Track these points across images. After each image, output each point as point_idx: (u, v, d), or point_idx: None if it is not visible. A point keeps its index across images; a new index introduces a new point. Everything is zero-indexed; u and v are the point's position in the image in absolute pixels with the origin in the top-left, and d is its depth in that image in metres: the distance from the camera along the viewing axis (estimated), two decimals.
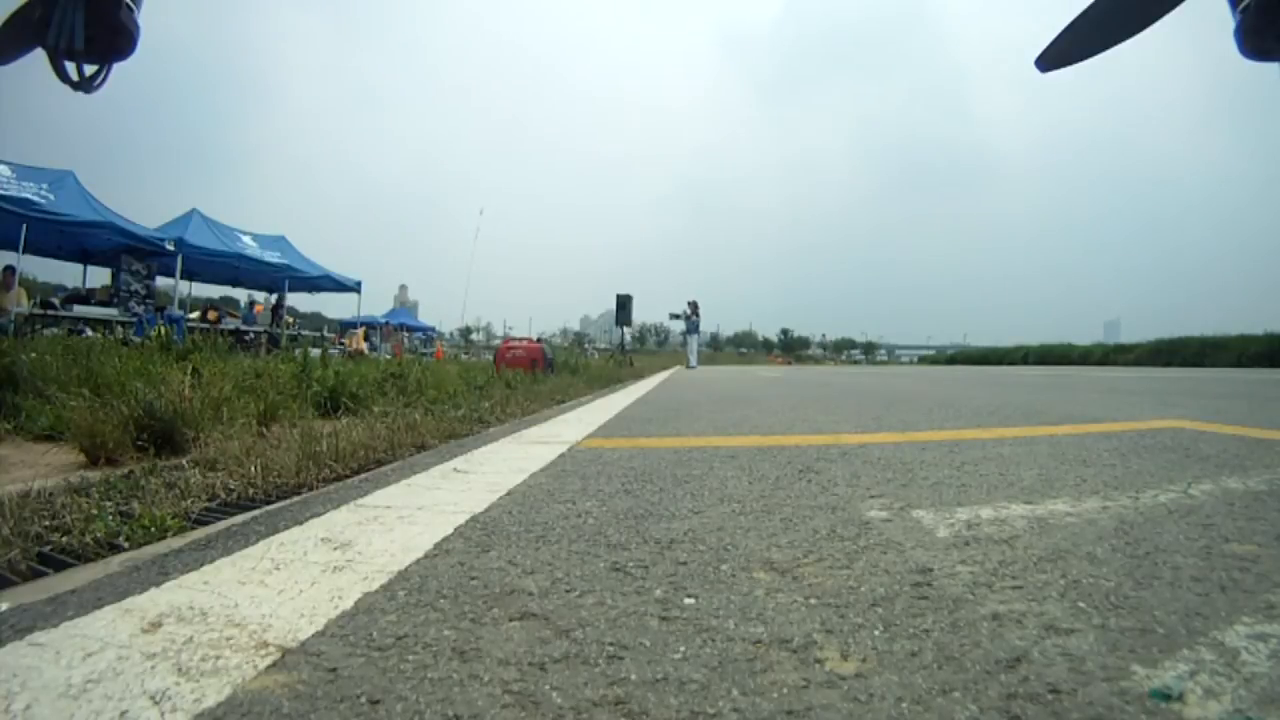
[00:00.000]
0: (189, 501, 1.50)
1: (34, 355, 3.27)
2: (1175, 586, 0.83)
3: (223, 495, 1.62)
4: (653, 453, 2.05)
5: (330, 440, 2.28)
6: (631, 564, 1.00)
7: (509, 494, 1.50)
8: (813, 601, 0.82)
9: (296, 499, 1.61)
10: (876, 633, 0.72)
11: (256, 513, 1.44)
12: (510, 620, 0.80)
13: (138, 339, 6.93)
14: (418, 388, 4.70)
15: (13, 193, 9.85)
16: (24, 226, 9.94)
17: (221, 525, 1.33)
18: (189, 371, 3.33)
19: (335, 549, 1.12)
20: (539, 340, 9.73)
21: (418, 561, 1.04)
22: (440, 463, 1.98)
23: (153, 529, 1.28)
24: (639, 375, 11.78)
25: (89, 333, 9.62)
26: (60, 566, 1.10)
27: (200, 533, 1.28)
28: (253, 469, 1.83)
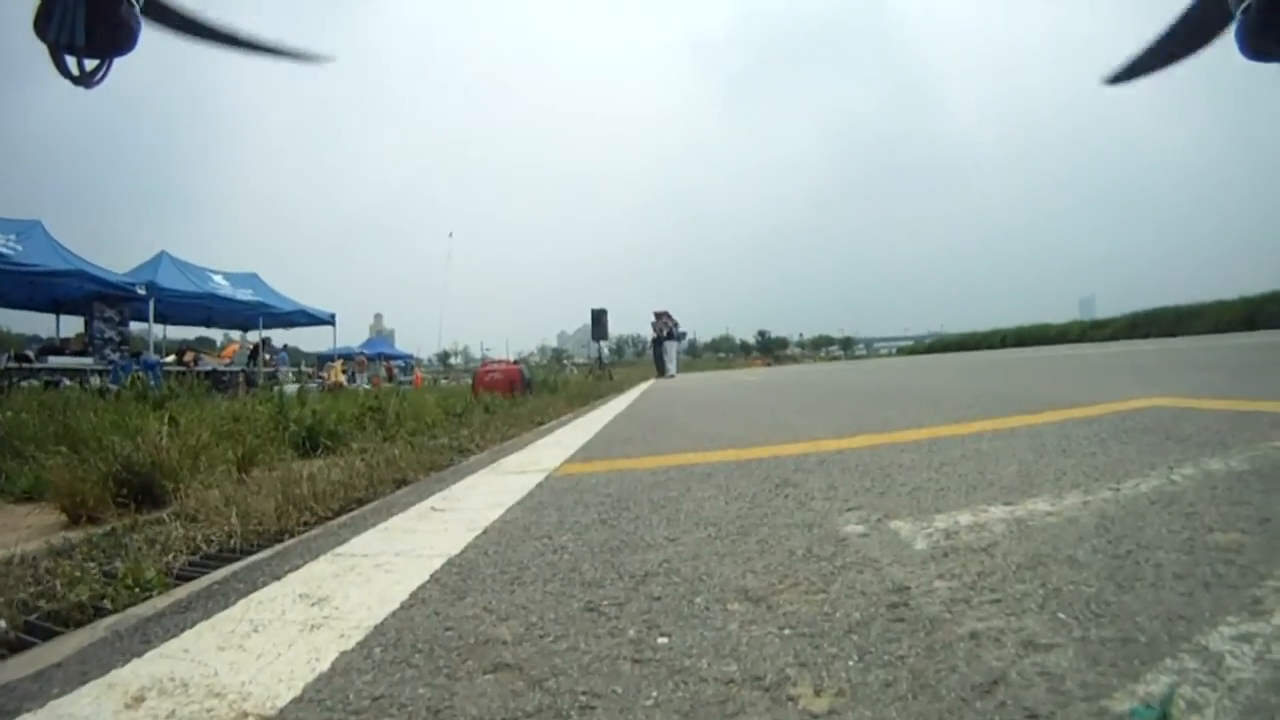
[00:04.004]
0: (170, 557, 1.47)
1: (9, 414, 3.18)
2: (1158, 587, 0.81)
3: (204, 548, 1.59)
4: (630, 476, 2.02)
5: (310, 483, 2.24)
6: (606, 602, 0.97)
7: (485, 532, 1.47)
8: (787, 632, 0.79)
9: (279, 547, 1.58)
10: (851, 663, 0.70)
11: (236, 567, 1.41)
12: (484, 673, 0.78)
13: (114, 387, 6.81)
14: (396, 420, 4.64)
15: None
16: None
17: (204, 583, 1.30)
18: (165, 420, 3.26)
19: (313, 605, 1.10)
20: (516, 362, 9.69)
21: (394, 614, 1.02)
22: (419, 501, 1.95)
23: (136, 589, 1.26)
24: (619, 389, 11.77)
25: (66, 382, 9.44)
26: (47, 635, 1.09)
27: (183, 591, 1.26)
28: (233, 518, 1.80)
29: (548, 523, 1.50)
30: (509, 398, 7.65)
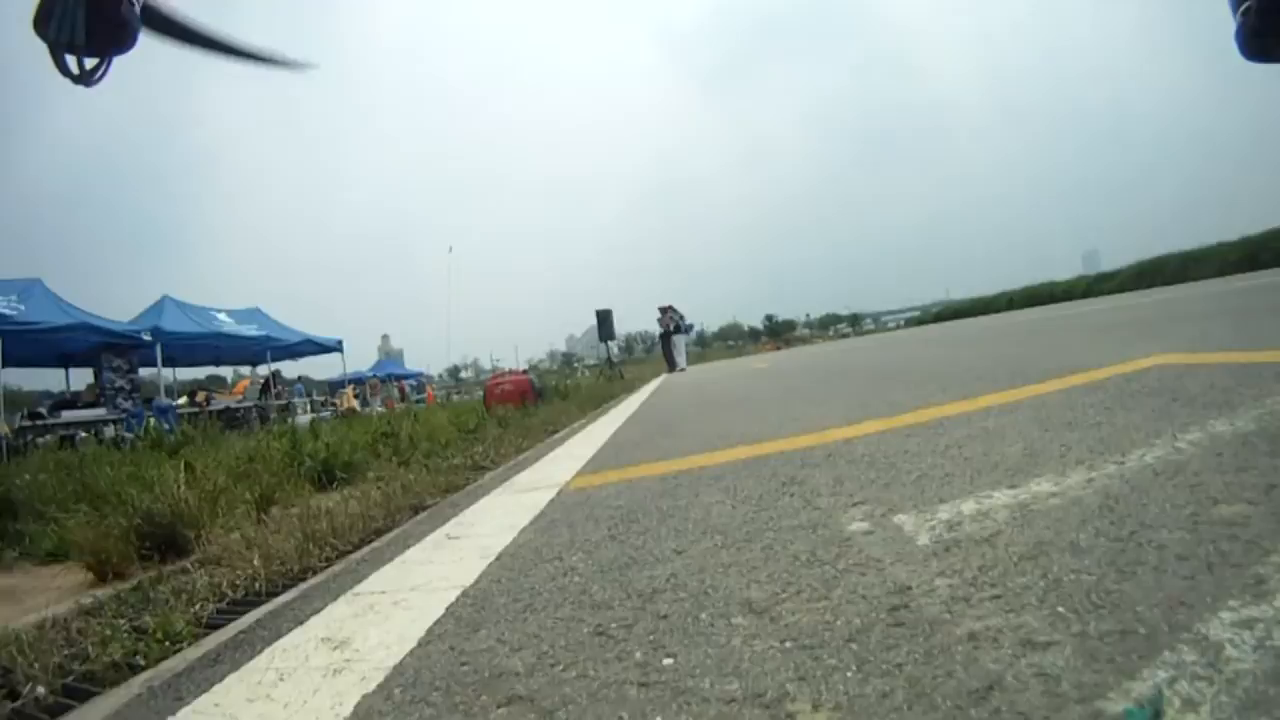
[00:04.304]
0: (198, 607, 1.52)
1: (27, 477, 3.25)
2: (1160, 572, 0.80)
3: (230, 594, 1.64)
4: (640, 485, 2.02)
5: (328, 519, 2.28)
6: (614, 625, 0.98)
7: (499, 559, 1.48)
8: (788, 645, 0.79)
9: (302, 587, 1.62)
10: (849, 674, 0.70)
11: (260, 613, 1.45)
12: (498, 707, 0.81)
13: (129, 435, 6.90)
14: (410, 443, 4.66)
15: None
16: None
17: (230, 631, 1.34)
18: (181, 468, 3.31)
19: (334, 649, 1.14)
20: (525, 372, 9.75)
21: (411, 652, 1.05)
22: (434, 529, 1.97)
23: (167, 642, 1.31)
24: (630, 388, 11.77)
25: (82, 435, 9.54)
26: (84, 696, 1.14)
27: (212, 641, 1.30)
28: (255, 561, 1.83)
29: (559, 543, 1.51)
30: (521, 408, 7.66)
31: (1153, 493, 1.09)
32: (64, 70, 1.17)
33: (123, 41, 1.21)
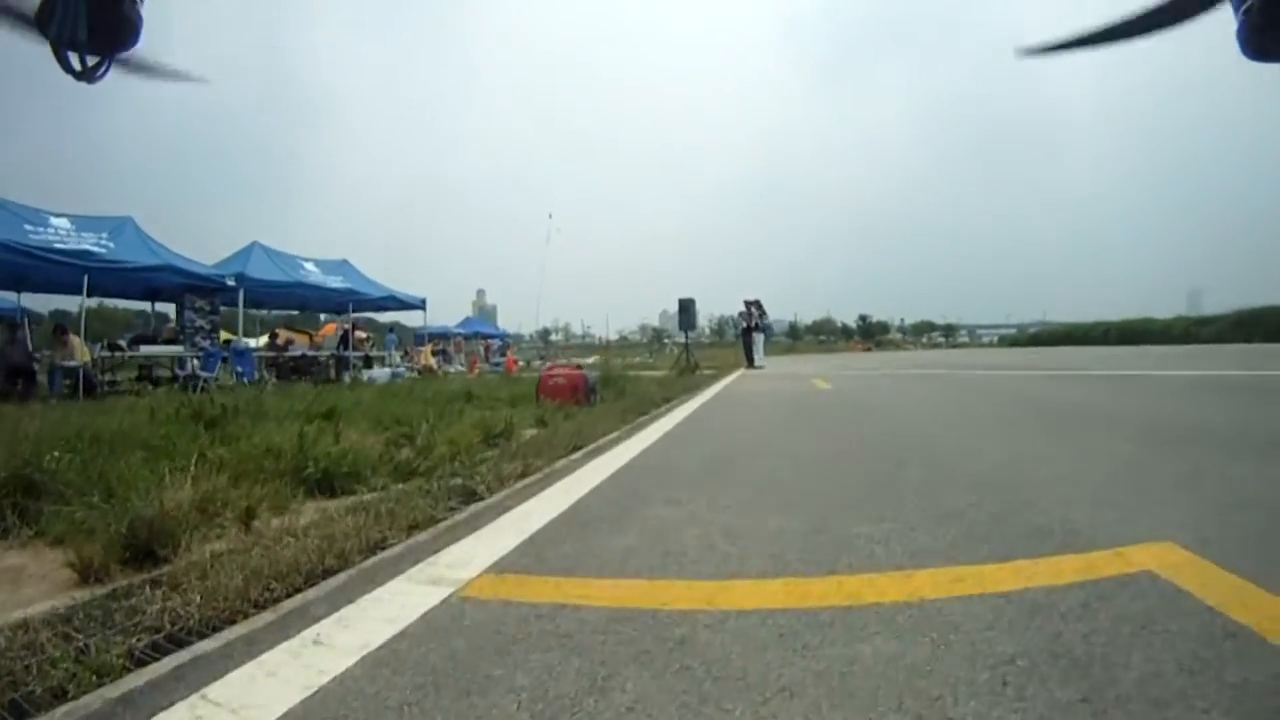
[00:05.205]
0: (134, 639, 1.69)
1: (56, 454, 3.55)
2: None
3: (168, 627, 1.79)
4: (507, 616, 1.96)
5: (284, 549, 2.44)
6: None
7: (287, 713, 1.47)
8: None
9: (207, 644, 1.73)
10: None
11: (144, 681, 1.53)
12: None
13: (204, 375, 7.63)
14: (423, 452, 4.81)
15: (72, 245, 10.51)
16: (85, 277, 10.74)
17: (129, 684, 1.48)
18: (193, 462, 3.58)
19: None
20: (579, 367, 9.94)
21: None
22: (330, 613, 2.00)
23: (93, 677, 1.48)
24: (696, 387, 11.69)
25: (158, 370, 10.32)
26: (21, 715, 1.32)
27: (115, 688, 1.45)
28: (196, 598, 1.98)
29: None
30: (568, 405, 7.79)
31: None
32: (66, 67, 1.19)
33: (124, 39, 1.24)
